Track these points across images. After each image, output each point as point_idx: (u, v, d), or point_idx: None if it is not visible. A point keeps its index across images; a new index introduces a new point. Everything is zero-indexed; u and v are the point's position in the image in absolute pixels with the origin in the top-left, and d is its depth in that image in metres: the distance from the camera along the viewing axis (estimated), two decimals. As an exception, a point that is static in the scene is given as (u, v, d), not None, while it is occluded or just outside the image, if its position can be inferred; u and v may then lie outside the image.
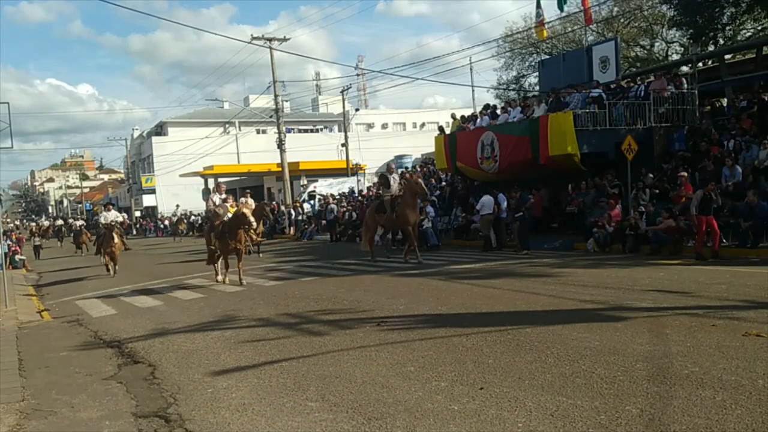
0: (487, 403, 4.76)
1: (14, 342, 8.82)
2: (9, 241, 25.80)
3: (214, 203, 14.05)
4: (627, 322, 6.91)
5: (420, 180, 16.19)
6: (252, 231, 14.45)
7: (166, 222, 47.89)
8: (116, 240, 17.21)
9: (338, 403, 5.03)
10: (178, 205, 43.13)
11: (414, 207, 15.20)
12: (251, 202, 18.80)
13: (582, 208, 17.14)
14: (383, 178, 16.68)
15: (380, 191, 17.36)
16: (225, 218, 13.41)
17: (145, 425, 4.91)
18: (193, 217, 41.87)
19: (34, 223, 51.31)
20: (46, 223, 54.36)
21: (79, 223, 33.71)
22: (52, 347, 8.26)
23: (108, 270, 17.29)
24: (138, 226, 54.13)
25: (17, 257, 24.80)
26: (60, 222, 49.82)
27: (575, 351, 5.92)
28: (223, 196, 14.42)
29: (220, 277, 13.71)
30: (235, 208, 13.77)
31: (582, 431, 4.13)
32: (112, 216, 18.55)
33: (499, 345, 6.40)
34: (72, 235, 34.20)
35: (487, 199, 17.67)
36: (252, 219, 13.09)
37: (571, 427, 4.19)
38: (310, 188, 35.35)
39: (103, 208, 21.71)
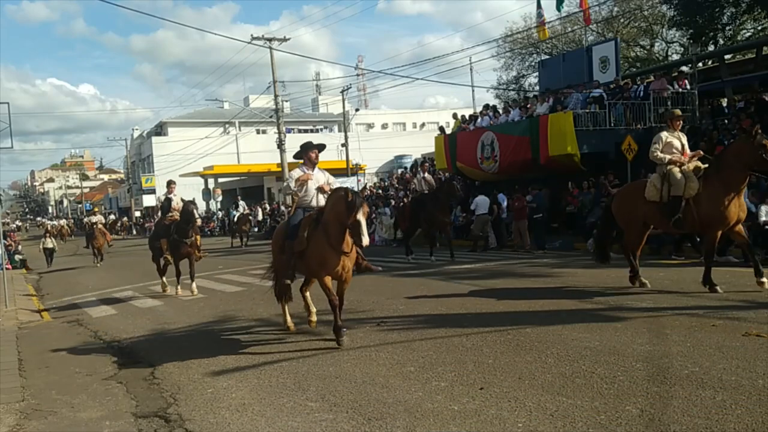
0: (487, 403, 4.76)
1: (14, 342, 8.83)
2: (10, 241, 25.78)
3: None
4: (627, 322, 6.90)
5: None
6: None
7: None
8: None
9: (338, 403, 5.03)
10: (237, 201, 30.57)
11: None
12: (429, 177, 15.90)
13: (582, 208, 17.14)
14: None
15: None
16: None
17: (145, 425, 4.92)
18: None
19: (50, 223, 44.53)
20: (63, 222, 51.52)
21: (95, 219, 23.33)
22: (52, 347, 8.26)
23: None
24: (138, 226, 54.11)
25: (17, 257, 24.91)
26: (88, 220, 27.86)
27: (575, 351, 5.92)
28: None
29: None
30: None
31: (582, 431, 4.13)
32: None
33: (499, 345, 6.40)
34: (84, 236, 25.52)
35: (481, 200, 17.76)
36: None
37: (571, 427, 4.19)
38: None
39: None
